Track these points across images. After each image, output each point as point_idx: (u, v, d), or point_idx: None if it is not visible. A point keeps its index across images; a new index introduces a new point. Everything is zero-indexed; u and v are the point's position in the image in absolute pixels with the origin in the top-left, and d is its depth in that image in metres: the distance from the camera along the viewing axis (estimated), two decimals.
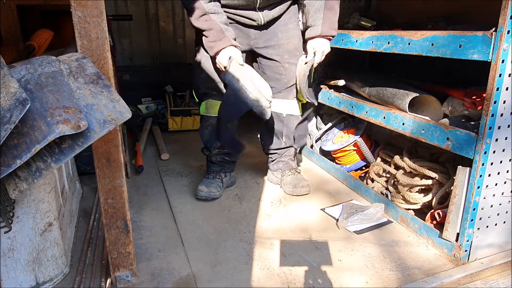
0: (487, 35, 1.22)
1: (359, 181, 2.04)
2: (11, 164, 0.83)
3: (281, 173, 2.14)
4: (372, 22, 2.27)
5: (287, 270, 1.45)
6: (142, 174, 2.36)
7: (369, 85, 1.99)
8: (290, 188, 2.05)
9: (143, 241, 1.65)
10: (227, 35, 1.68)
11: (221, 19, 1.69)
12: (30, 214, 1.26)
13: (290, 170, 2.13)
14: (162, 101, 3.43)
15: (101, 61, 1.11)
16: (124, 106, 0.98)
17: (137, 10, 3.71)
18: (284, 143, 2.10)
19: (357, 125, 2.21)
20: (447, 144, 1.43)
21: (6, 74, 0.86)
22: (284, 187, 2.10)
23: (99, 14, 1.06)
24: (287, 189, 2.07)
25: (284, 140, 2.09)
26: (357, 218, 1.71)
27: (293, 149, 2.15)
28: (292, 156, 2.17)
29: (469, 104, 1.52)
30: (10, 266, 1.27)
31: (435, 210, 1.59)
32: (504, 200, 1.44)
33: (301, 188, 2.03)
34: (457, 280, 1.39)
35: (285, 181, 2.09)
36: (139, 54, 3.86)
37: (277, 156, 2.14)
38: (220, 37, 1.67)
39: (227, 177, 2.10)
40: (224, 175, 2.08)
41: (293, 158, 2.18)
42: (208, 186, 1.98)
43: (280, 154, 2.14)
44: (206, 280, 1.41)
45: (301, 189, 2.03)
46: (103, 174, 1.22)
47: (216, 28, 1.66)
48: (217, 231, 1.72)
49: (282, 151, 2.13)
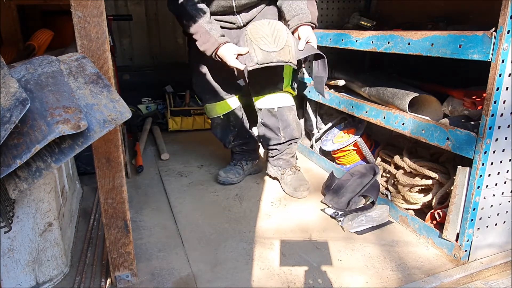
0: (487, 35, 1.22)
1: None
2: (11, 164, 0.83)
3: (281, 171, 2.12)
4: (372, 22, 2.27)
5: (287, 270, 1.45)
6: (142, 174, 2.36)
7: (369, 85, 1.99)
8: (290, 190, 2.04)
9: (143, 241, 1.65)
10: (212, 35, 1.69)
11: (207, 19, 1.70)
12: (30, 214, 1.26)
13: (290, 168, 2.11)
14: (162, 101, 3.43)
15: (101, 61, 1.11)
16: (124, 106, 0.98)
17: (137, 10, 3.72)
18: (284, 138, 2.05)
19: (357, 125, 2.21)
20: (447, 144, 1.43)
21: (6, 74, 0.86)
22: (284, 187, 2.09)
23: (99, 14, 1.06)
24: (288, 189, 2.06)
25: (282, 134, 2.04)
26: (361, 219, 1.70)
27: (294, 146, 2.13)
28: (293, 153, 2.15)
29: (469, 104, 1.52)
30: (10, 266, 1.27)
31: (435, 210, 1.59)
32: (504, 200, 1.44)
33: (301, 192, 2.01)
34: (457, 280, 1.39)
35: (286, 181, 2.08)
36: (139, 54, 3.86)
37: (278, 152, 2.11)
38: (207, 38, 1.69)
39: (249, 165, 2.24)
40: (245, 163, 2.23)
41: (293, 155, 2.16)
42: (226, 172, 2.18)
43: (280, 151, 2.10)
44: (206, 280, 1.41)
45: (302, 193, 2.01)
46: (103, 174, 1.22)
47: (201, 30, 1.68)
48: (217, 231, 1.72)
49: (282, 147, 2.09)
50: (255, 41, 1.65)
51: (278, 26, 1.69)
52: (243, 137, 2.18)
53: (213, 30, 1.69)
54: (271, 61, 1.64)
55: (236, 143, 2.20)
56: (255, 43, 1.65)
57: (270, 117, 2.03)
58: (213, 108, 2.08)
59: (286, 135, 2.05)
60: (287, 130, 2.04)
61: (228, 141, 2.18)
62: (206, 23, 1.69)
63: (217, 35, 1.70)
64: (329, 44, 2.05)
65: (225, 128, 2.15)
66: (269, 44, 1.64)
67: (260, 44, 1.64)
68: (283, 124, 2.03)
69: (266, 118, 2.04)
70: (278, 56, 1.64)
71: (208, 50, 1.72)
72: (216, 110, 2.09)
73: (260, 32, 1.66)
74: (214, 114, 2.11)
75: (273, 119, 2.03)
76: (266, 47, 1.64)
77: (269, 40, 1.64)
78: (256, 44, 1.65)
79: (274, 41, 1.65)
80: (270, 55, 1.64)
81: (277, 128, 2.03)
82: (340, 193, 1.88)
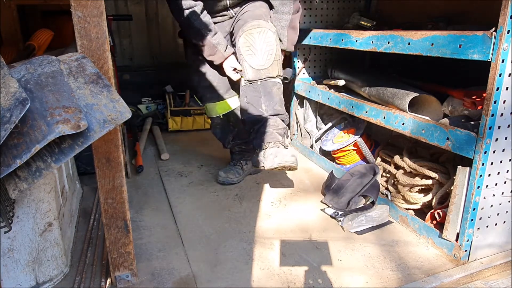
0: (487, 35, 1.22)
1: None
2: (11, 164, 0.83)
3: (264, 146, 1.79)
4: (372, 22, 2.27)
5: (287, 270, 1.45)
6: (142, 174, 2.36)
7: (369, 85, 1.99)
8: (271, 160, 1.70)
9: (143, 241, 1.65)
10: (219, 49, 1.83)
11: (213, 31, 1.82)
12: (30, 214, 1.26)
13: (274, 142, 1.78)
14: (162, 101, 3.43)
15: (101, 61, 1.11)
16: (124, 106, 0.98)
17: (137, 10, 3.71)
18: (266, 111, 1.83)
19: (357, 125, 2.21)
20: (447, 144, 1.43)
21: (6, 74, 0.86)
22: (265, 163, 1.74)
23: (99, 14, 1.06)
24: (268, 162, 1.71)
25: (264, 108, 1.82)
26: (361, 219, 1.70)
27: (280, 121, 1.86)
28: (279, 127, 1.84)
29: (469, 104, 1.52)
30: (10, 266, 1.27)
31: (435, 210, 1.59)
32: (504, 200, 1.44)
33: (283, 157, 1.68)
34: (457, 280, 1.39)
35: (267, 154, 1.74)
36: (139, 54, 3.86)
37: (259, 124, 1.84)
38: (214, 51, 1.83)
39: (248, 165, 2.24)
40: (245, 163, 2.23)
41: (280, 130, 1.84)
42: (226, 172, 2.18)
43: (264, 123, 1.82)
44: (206, 280, 1.41)
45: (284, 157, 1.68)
46: (103, 174, 1.22)
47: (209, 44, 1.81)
48: (217, 231, 1.72)
49: (268, 119, 1.83)
50: (247, 57, 1.79)
51: (268, 38, 1.78)
52: (242, 137, 2.19)
53: (219, 44, 1.84)
54: (260, 77, 1.81)
55: (236, 142, 2.20)
56: (246, 61, 1.80)
57: (252, 91, 1.83)
58: (214, 107, 2.09)
59: (268, 109, 1.83)
60: (271, 105, 1.83)
61: (227, 141, 2.19)
62: (212, 36, 1.81)
63: (222, 49, 1.85)
64: (329, 44, 2.05)
65: (224, 128, 2.16)
66: (259, 61, 1.78)
67: (251, 62, 1.79)
68: (266, 98, 1.82)
69: (248, 93, 1.85)
70: (267, 72, 1.81)
71: (214, 61, 1.89)
72: (216, 109, 2.09)
73: (251, 48, 1.78)
74: (214, 114, 2.11)
75: (255, 94, 1.83)
76: (256, 64, 1.79)
77: (259, 56, 1.78)
78: (247, 61, 1.80)
79: (264, 57, 1.78)
80: (259, 72, 1.80)
81: (258, 103, 1.83)
82: (340, 193, 1.88)
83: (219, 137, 2.19)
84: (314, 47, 2.51)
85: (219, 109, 2.08)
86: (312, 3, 2.42)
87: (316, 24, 2.48)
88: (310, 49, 2.51)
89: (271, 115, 1.84)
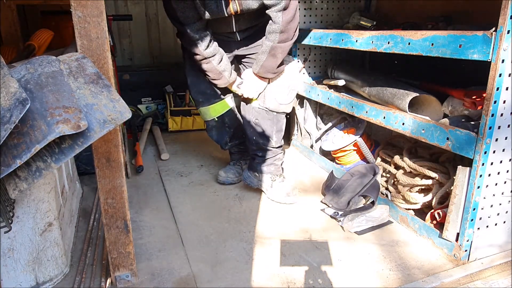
0: (487, 35, 1.22)
1: None
2: (11, 164, 0.83)
3: (272, 177, 2.03)
4: (372, 22, 2.27)
5: (287, 270, 1.45)
6: (142, 174, 2.36)
7: (369, 85, 1.99)
8: (282, 196, 1.97)
9: (143, 241, 1.65)
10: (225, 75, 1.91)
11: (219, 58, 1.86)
12: (30, 214, 1.26)
13: (279, 176, 2.05)
14: (162, 101, 3.43)
15: (101, 61, 1.11)
16: (124, 106, 0.98)
17: (137, 10, 3.72)
18: (275, 143, 2.02)
19: (357, 125, 2.21)
20: (447, 144, 1.43)
21: (6, 74, 0.86)
22: (273, 194, 2.00)
23: (99, 14, 1.06)
24: (278, 197, 1.98)
25: (274, 140, 2.01)
26: (361, 219, 1.69)
27: (282, 154, 2.11)
28: (282, 160, 2.13)
29: (469, 104, 1.52)
30: (10, 266, 1.27)
31: (435, 210, 1.59)
32: (504, 200, 1.44)
33: (293, 197, 1.97)
34: (457, 280, 1.39)
35: (276, 188, 2.00)
36: (139, 54, 3.86)
37: (272, 155, 2.04)
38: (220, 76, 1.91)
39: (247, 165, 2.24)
40: (245, 163, 2.26)
41: (282, 162, 2.14)
42: (226, 172, 2.21)
43: (275, 154, 2.05)
44: (206, 280, 1.41)
45: (293, 197, 1.97)
46: (103, 174, 1.22)
47: (214, 71, 1.88)
48: (217, 231, 1.72)
49: (276, 151, 2.05)
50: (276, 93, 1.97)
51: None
52: (239, 137, 2.18)
53: (225, 71, 1.90)
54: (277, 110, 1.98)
55: (233, 143, 2.20)
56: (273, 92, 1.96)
57: (266, 118, 1.98)
58: (207, 111, 2.10)
59: (277, 140, 2.03)
60: (279, 135, 2.03)
61: (224, 142, 2.19)
62: (218, 63, 1.86)
63: (227, 75, 1.92)
64: (329, 44, 2.05)
65: (220, 130, 2.15)
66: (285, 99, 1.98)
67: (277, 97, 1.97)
68: (276, 129, 2.00)
69: (260, 116, 1.98)
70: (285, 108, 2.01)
71: (219, 84, 1.96)
72: (210, 113, 2.10)
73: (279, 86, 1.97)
74: (209, 117, 2.12)
75: (268, 121, 1.98)
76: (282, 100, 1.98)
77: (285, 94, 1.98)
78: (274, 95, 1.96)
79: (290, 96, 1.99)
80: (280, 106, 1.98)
81: (271, 130, 2.00)
82: (340, 193, 1.88)
83: (215, 139, 2.19)
84: (314, 47, 2.51)
85: (213, 112, 2.09)
86: (312, 3, 2.43)
87: (316, 24, 2.48)
88: (310, 49, 2.51)
89: (279, 147, 2.07)
